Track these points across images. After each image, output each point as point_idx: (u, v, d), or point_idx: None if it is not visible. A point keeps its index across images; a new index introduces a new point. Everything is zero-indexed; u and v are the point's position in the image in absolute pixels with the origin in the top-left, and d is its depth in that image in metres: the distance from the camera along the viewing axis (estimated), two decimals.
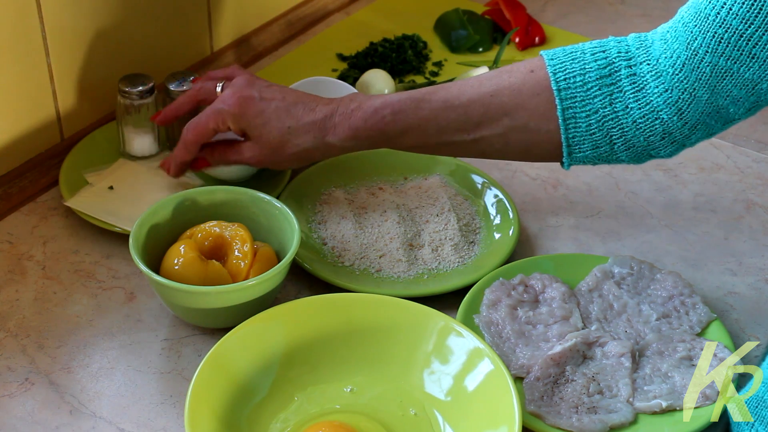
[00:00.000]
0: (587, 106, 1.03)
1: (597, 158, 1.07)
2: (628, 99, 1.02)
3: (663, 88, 1.00)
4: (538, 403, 1.00)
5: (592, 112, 1.03)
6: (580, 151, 1.06)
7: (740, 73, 0.96)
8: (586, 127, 1.04)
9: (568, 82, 1.03)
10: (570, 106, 1.03)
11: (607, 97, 1.02)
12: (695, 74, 0.98)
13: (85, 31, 1.25)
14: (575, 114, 1.03)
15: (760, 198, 1.28)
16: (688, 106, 1.00)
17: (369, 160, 1.27)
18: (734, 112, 1.00)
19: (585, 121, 1.03)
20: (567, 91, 1.03)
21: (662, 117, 1.01)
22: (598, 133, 1.04)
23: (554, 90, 1.03)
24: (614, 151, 1.05)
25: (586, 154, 1.06)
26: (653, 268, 1.14)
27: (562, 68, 1.04)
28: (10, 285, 1.11)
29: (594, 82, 1.02)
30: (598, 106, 1.03)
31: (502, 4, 1.56)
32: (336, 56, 1.50)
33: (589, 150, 1.05)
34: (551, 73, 1.04)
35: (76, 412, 0.99)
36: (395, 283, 1.13)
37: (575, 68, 1.03)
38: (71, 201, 1.18)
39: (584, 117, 1.03)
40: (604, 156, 1.06)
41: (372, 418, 0.98)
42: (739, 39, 0.95)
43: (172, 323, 1.08)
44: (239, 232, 1.06)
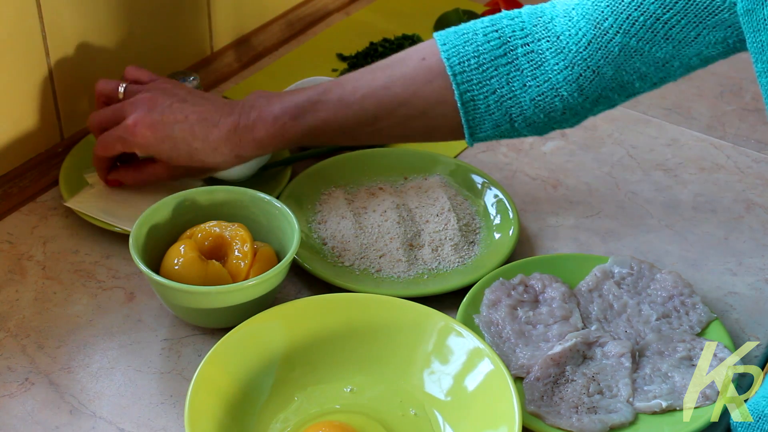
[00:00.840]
0: (484, 88, 1.03)
1: (499, 135, 1.08)
2: (526, 77, 1.02)
3: (564, 64, 1.00)
4: (538, 403, 1.00)
5: (490, 93, 1.03)
6: (481, 131, 1.07)
7: (652, 53, 0.96)
8: (485, 108, 1.04)
9: (463, 66, 1.03)
10: (467, 90, 1.03)
11: (503, 77, 1.02)
12: (601, 53, 0.98)
13: (85, 31, 1.25)
14: (473, 97, 1.03)
15: (760, 198, 1.28)
16: (590, 83, 1.00)
17: (369, 160, 1.27)
18: (640, 86, 1.01)
19: (483, 103, 1.04)
20: (462, 75, 1.03)
21: (562, 94, 1.01)
22: (497, 113, 1.04)
23: (450, 75, 1.03)
24: (515, 129, 1.06)
25: (487, 133, 1.07)
26: (653, 268, 1.14)
27: (456, 52, 1.03)
28: (10, 285, 1.11)
29: (489, 63, 1.02)
30: (495, 86, 1.03)
31: (502, 4, 1.56)
32: (336, 56, 1.50)
33: (490, 129, 1.06)
34: (445, 59, 1.04)
35: (76, 412, 0.99)
36: (395, 283, 1.13)
37: (468, 51, 1.03)
38: (71, 201, 1.18)
39: (482, 99, 1.03)
40: (506, 133, 1.07)
41: (372, 418, 0.98)
42: (655, 22, 0.94)
43: (172, 323, 1.08)
44: (239, 232, 1.06)
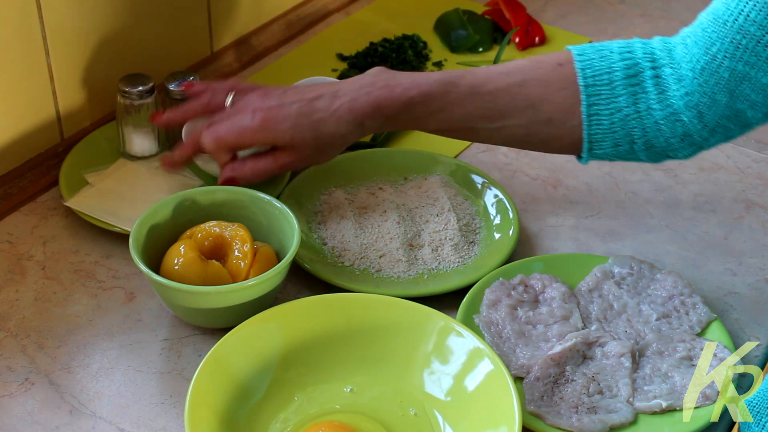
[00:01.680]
0: (611, 104, 1.03)
1: (616, 156, 1.07)
2: (651, 100, 1.03)
3: (684, 91, 1.01)
4: (538, 403, 1.00)
5: (616, 111, 1.04)
6: (601, 148, 1.06)
7: (757, 78, 0.97)
8: (609, 125, 1.04)
9: (596, 79, 1.03)
10: (595, 103, 1.04)
11: (631, 97, 1.03)
12: (714, 78, 0.99)
13: (85, 31, 1.25)
14: (599, 111, 1.04)
15: (760, 198, 1.28)
16: (708, 109, 1.01)
17: (369, 160, 1.28)
18: (752, 116, 1.01)
19: (608, 119, 1.04)
20: (593, 88, 1.04)
21: (683, 119, 1.02)
22: (619, 132, 1.04)
23: (581, 86, 1.04)
24: (633, 150, 1.06)
25: (606, 151, 1.07)
26: (653, 268, 1.14)
27: (590, 65, 1.04)
28: (10, 285, 1.11)
29: (620, 81, 1.03)
30: (622, 105, 1.03)
31: (502, 4, 1.56)
32: (336, 56, 1.50)
33: (610, 148, 1.06)
34: (579, 69, 1.04)
35: (76, 412, 0.99)
36: (395, 283, 1.13)
37: (603, 66, 1.04)
38: (71, 201, 1.18)
39: (608, 115, 1.04)
40: (623, 154, 1.07)
41: (372, 418, 0.98)
42: (756, 45, 0.95)
43: (172, 323, 1.08)
44: (239, 232, 1.06)
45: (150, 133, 1.25)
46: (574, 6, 1.66)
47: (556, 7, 1.66)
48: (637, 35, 1.59)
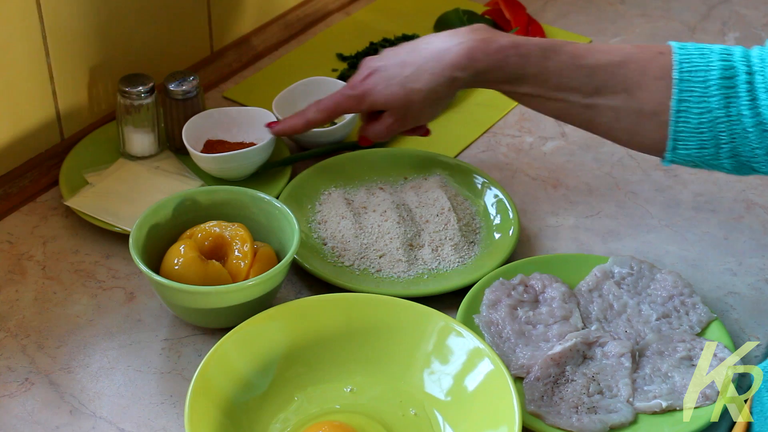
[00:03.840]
0: (702, 104, 1.00)
1: (699, 159, 1.03)
2: (742, 106, 0.99)
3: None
4: (538, 403, 1.00)
5: (706, 111, 1.00)
6: (686, 148, 1.02)
7: None
8: (697, 125, 1.01)
9: (691, 75, 1.00)
10: (686, 99, 1.00)
11: (723, 99, 1.00)
12: None
13: (85, 31, 1.25)
14: (689, 108, 1.00)
15: (760, 198, 1.28)
16: None
17: (369, 160, 1.28)
18: None
19: (697, 118, 1.00)
20: (687, 83, 1.00)
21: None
22: (707, 134, 1.01)
23: (675, 79, 1.01)
24: (718, 155, 1.02)
25: (690, 152, 1.02)
26: (653, 268, 1.14)
27: (688, 59, 1.01)
28: (10, 285, 1.11)
29: (715, 81, 1.00)
30: (713, 106, 1.00)
31: (502, 4, 1.56)
32: (336, 56, 1.50)
33: (694, 149, 1.02)
34: (677, 61, 1.01)
35: (76, 412, 0.99)
36: (395, 283, 1.13)
37: (701, 63, 1.01)
38: (71, 201, 1.18)
39: (697, 114, 1.00)
40: (706, 158, 1.03)
41: (372, 418, 0.98)
42: None
43: (172, 323, 1.08)
44: (239, 232, 1.06)
45: (150, 133, 1.25)
46: (574, 6, 1.66)
47: (556, 6, 1.66)
48: (637, 35, 1.60)
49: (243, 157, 1.21)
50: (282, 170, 1.25)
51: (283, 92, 1.32)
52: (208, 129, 1.26)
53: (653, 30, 1.61)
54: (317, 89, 1.35)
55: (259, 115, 1.27)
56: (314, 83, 1.36)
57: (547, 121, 1.40)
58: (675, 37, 1.58)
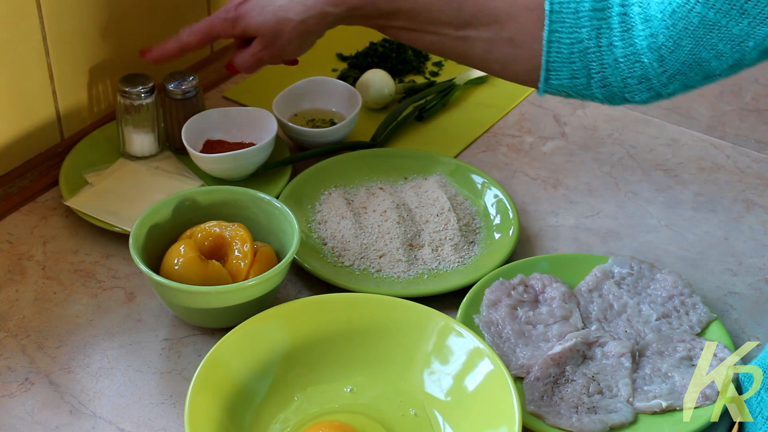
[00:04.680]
0: (573, 34, 1.02)
1: (572, 89, 1.06)
2: (614, 36, 1.01)
3: (649, 32, 0.99)
4: (538, 403, 1.00)
5: (577, 41, 1.02)
6: (558, 78, 1.05)
7: (728, 28, 0.95)
8: (568, 54, 1.03)
9: (562, 6, 1.02)
10: (557, 30, 1.03)
11: (594, 30, 1.02)
12: (683, 22, 0.97)
13: (85, 31, 1.25)
14: (560, 38, 1.03)
15: (760, 198, 1.28)
16: (670, 54, 0.99)
17: (369, 160, 1.28)
18: (716, 66, 1.00)
19: (568, 48, 1.03)
20: (558, 14, 1.02)
21: (643, 60, 1.00)
22: (578, 63, 1.03)
23: (546, 10, 1.03)
24: (590, 86, 1.04)
25: (562, 81, 1.05)
26: (653, 268, 1.14)
27: None
28: (10, 285, 1.11)
29: (586, 12, 1.02)
30: (584, 36, 1.02)
31: None
32: (336, 56, 1.50)
33: (566, 78, 1.05)
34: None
35: (76, 412, 0.99)
36: (395, 283, 1.13)
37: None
38: (71, 201, 1.18)
39: (568, 44, 1.03)
40: (579, 88, 1.05)
41: (372, 418, 0.98)
42: None
43: (172, 323, 1.08)
44: (239, 232, 1.06)
45: (150, 133, 1.25)
46: None
47: None
48: None
49: (243, 157, 1.21)
50: (282, 170, 1.25)
51: (283, 92, 1.32)
52: (207, 129, 1.26)
53: None
54: (317, 89, 1.36)
55: (259, 115, 1.27)
56: (314, 83, 1.36)
57: (547, 121, 1.40)
58: None
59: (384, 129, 1.34)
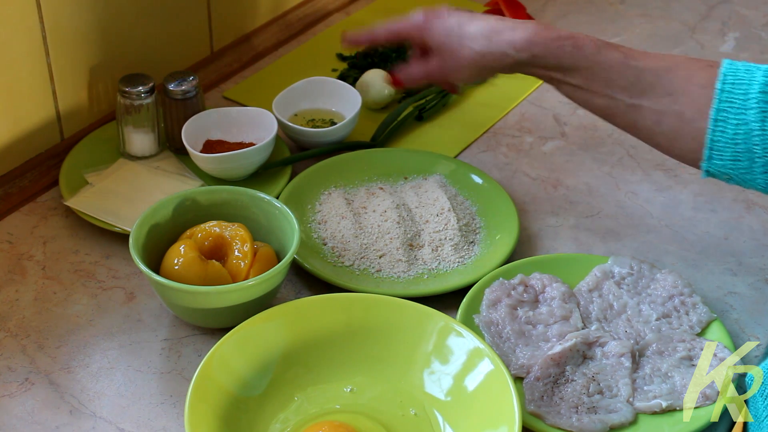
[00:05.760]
0: (740, 115, 1.02)
1: (734, 171, 1.05)
2: None
3: None
4: (538, 403, 1.00)
5: (743, 123, 1.02)
6: (720, 158, 1.04)
7: None
8: (733, 135, 1.03)
9: (733, 86, 1.03)
10: (725, 109, 1.03)
11: (761, 113, 1.01)
12: None
13: (85, 31, 1.25)
14: (726, 118, 1.03)
15: (760, 198, 1.28)
16: None
17: (369, 160, 1.28)
18: None
19: (733, 129, 1.02)
20: (728, 94, 1.03)
21: None
22: (741, 145, 1.03)
23: (717, 89, 1.03)
24: (752, 170, 1.03)
25: (725, 162, 1.04)
26: (653, 268, 1.14)
27: (733, 73, 1.04)
28: (10, 285, 1.11)
29: (755, 95, 1.02)
30: (750, 118, 1.02)
31: (502, 4, 1.56)
32: (336, 56, 1.50)
33: (729, 160, 1.04)
34: (722, 73, 1.04)
35: (76, 412, 0.99)
36: (395, 283, 1.13)
37: (744, 78, 1.03)
38: (71, 201, 1.18)
39: (734, 124, 1.02)
40: (741, 171, 1.04)
41: (372, 418, 0.98)
42: None
43: (172, 323, 1.08)
44: (239, 232, 1.06)
45: (150, 133, 1.25)
46: (574, 6, 1.66)
47: (556, 6, 1.66)
48: (637, 35, 1.60)
49: (243, 157, 1.21)
50: (282, 170, 1.25)
51: (283, 92, 1.32)
52: (207, 129, 1.26)
53: (653, 30, 1.61)
54: (317, 89, 1.36)
55: (258, 115, 1.27)
56: (314, 83, 1.36)
57: (547, 121, 1.40)
58: (675, 37, 1.58)
59: (384, 129, 1.34)
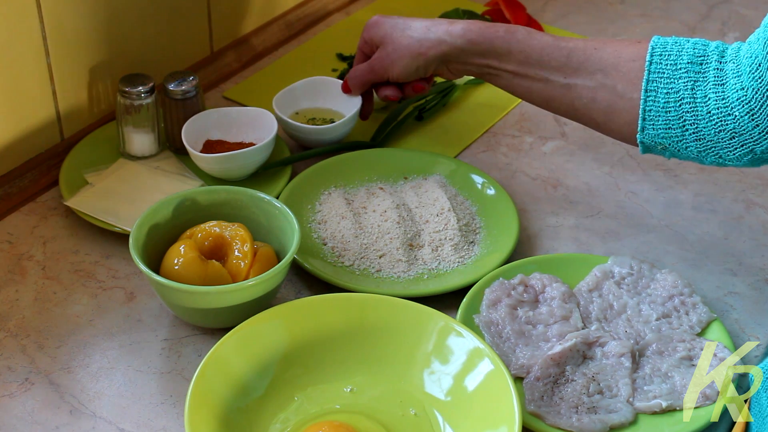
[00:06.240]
0: (670, 84, 1.06)
1: (667, 140, 1.08)
2: (709, 89, 1.04)
3: (739, 86, 1.02)
4: (538, 403, 1.00)
5: (673, 92, 1.06)
6: (654, 127, 1.07)
7: None
8: (664, 104, 1.06)
9: (662, 58, 1.07)
10: (655, 80, 1.06)
11: (690, 82, 1.05)
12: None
13: (85, 31, 1.25)
14: (657, 88, 1.06)
15: (760, 198, 1.28)
16: (760, 108, 1.01)
17: (369, 160, 1.28)
18: None
19: (664, 98, 1.06)
20: (657, 65, 1.07)
21: (734, 114, 1.02)
22: (673, 113, 1.06)
23: (647, 61, 1.07)
24: (684, 138, 1.07)
25: (658, 131, 1.07)
26: (653, 268, 1.14)
27: (662, 45, 1.08)
28: (10, 285, 1.11)
29: (684, 65, 1.05)
30: (680, 87, 1.05)
31: (502, 4, 1.56)
32: (336, 56, 1.50)
33: (662, 128, 1.07)
34: (651, 46, 1.08)
35: (76, 412, 0.99)
36: (395, 283, 1.13)
37: (673, 50, 1.07)
38: (71, 201, 1.18)
39: (664, 93, 1.06)
40: (674, 140, 1.07)
41: (372, 418, 0.98)
42: None
43: (172, 323, 1.08)
44: (239, 232, 1.06)
45: (150, 133, 1.25)
46: (574, 6, 1.66)
47: (556, 6, 1.66)
48: (637, 35, 1.60)
49: (243, 157, 1.21)
50: (282, 170, 1.25)
51: (283, 91, 1.32)
52: (207, 129, 1.26)
53: (653, 30, 1.60)
54: (317, 89, 1.36)
55: (259, 115, 1.27)
56: (314, 83, 1.36)
57: (547, 121, 1.40)
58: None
59: (384, 129, 1.34)
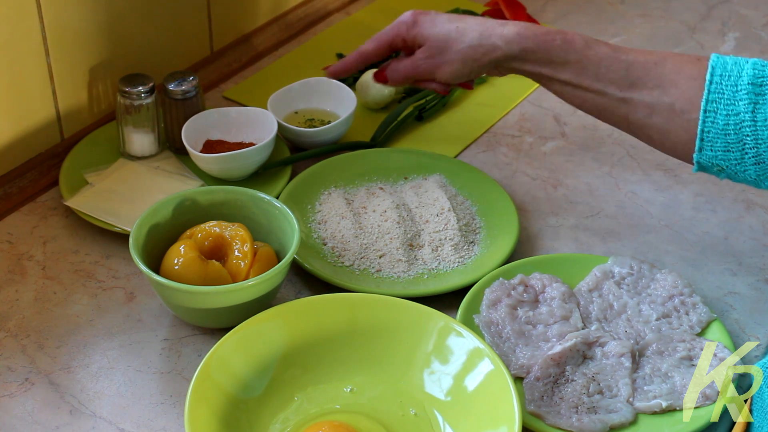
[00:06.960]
0: (730, 106, 1.03)
1: (725, 163, 1.05)
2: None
3: None
4: (538, 403, 1.00)
5: (733, 114, 1.03)
6: (712, 149, 1.05)
7: None
8: (723, 126, 1.03)
9: (722, 78, 1.04)
10: (715, 100, 1.04)
11: (751, 104, 1.02)
12: None
13: (85, 31, 1.25)
14: (716, 109, 1.03)
15: (760, 198, 1.28)
16: None
17: (369, 160, 1.28)
18: None
19: (723, 120, 1.03)
20: (717, 85, 1.04)
21: None
22: (732, 136, 1.03)
23: (707, 81, 1.04)
24: (743, 161, 1.04)
25: (716, 153, 1.05)
26: (653, 268, 1.14)
27: (722, 65, 1.05)
28: (10, 285, 1.11)
29: (745, 86, 1.03)
30: (740, 109, 1.03)
31: (501, 4, 1.56)
32: (336, 56, 1.50)
33: (720, 151, 1.04)
34: (711, 66, 1.05)
35: (76, 412, 0.99)
36: (395, 283, 1.13)
37: (733, 70, 1.04)
38: (71, 201, 1.18)
39: (724, 115, 1.03)
40: (732, 163, 1.05)
41: (372, 418, 0.98)
42: None
43: (172, 323, 1.08)
44: (239, 232, 1.06)
45: (150, 133, 1.25)
46: (574, 6, 1.66)
47: (556, 6, 1.66)
48: (637, 35, 1.60)
49: (243, 157, 1.21)
50: (282, 170, 1.25)
51: (277, 92, 1.32)
52: (207, 129, 1.26)
53: (653, 30, 1.61)
54: (317, 89, 1.36)
55: (258, 116, 1.27)
56: (314, 83, 1.36)
57: (547, 121, 1.40)
58: (675, 37, 1.58)
59: (384, 129, 1.34)
